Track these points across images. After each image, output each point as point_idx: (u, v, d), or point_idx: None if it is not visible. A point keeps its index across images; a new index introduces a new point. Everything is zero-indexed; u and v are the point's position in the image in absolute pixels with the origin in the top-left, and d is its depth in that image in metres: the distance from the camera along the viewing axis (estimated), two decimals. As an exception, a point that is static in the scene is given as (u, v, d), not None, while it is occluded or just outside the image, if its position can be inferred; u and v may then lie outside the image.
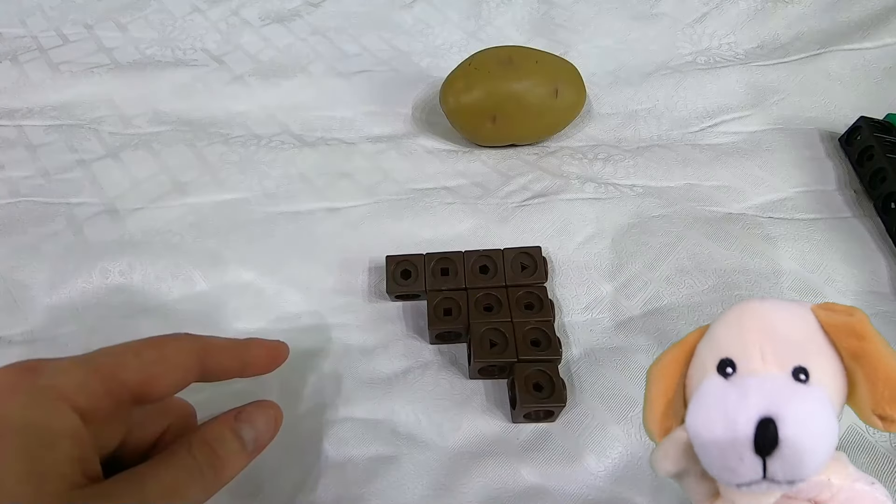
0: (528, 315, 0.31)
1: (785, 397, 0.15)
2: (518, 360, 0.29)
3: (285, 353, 0.27)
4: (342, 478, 0.27)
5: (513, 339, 0.30)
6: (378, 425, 0.29)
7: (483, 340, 0.30)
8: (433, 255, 0.33)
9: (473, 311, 0.31)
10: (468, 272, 0.32)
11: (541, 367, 0.29)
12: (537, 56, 0.39)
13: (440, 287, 0.32)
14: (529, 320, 0.30)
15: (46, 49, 0.48)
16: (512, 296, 0.32)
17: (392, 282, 0.32)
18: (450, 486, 0.27)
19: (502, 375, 0.30)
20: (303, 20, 0.50)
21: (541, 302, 0.31)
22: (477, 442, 0.28)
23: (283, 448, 0.28)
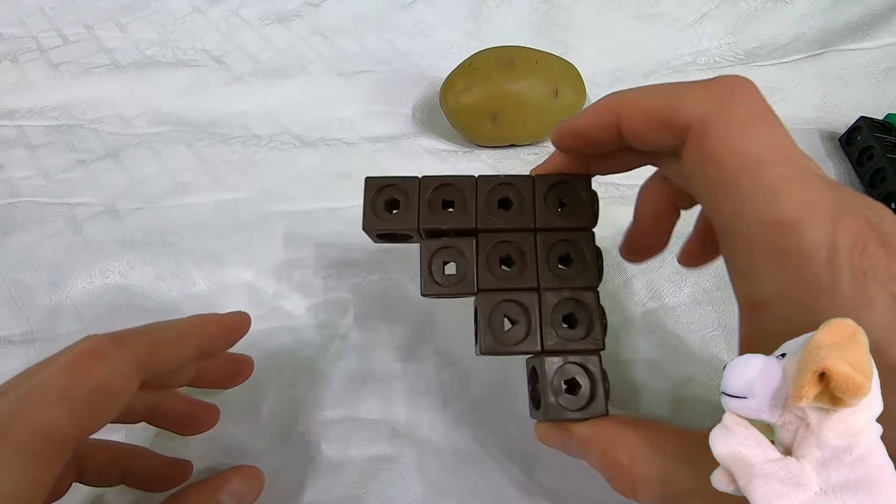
0: (564, 278, 0.23)
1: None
2: (543, 352, 0.22)
3: (240, 329, 0.25)
4: (342, 478, 0.27)
5: (537, 316, 0.22)
6: (378, 425, 0.29)
7: (495, 316, 0.22)
8: (432, 178, 0.24)
9: (484, 269, 0.23)
10: (481, 206, 0.24)
11: (576, 359, 0.22)
12: (537, 56, 0.39)
13: (439, 225, 0.23)
14: (564, 287, 0.23)
15: (46, 49, 0.48)
16: (542, 245, 0.23)
17: (372, 214, 0.24)
18: (450, 486, 0.27)
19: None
20: (303, 20, 0.50)
21: (583, 258, 0.23)
22: (477, 442, 0.28)
23: (282, 448, 0.28)
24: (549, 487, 0.27)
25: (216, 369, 0.27)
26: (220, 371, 0.27)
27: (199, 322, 0.24)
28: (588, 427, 0.21)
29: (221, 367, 0.27)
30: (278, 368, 0.31)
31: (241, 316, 0.25)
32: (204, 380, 0.26)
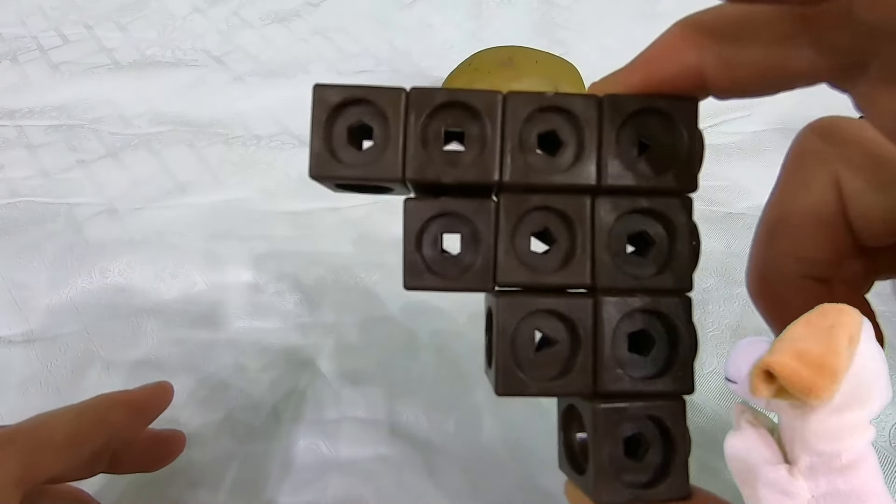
0: (637, 275, 0.15)
1: None
2: (596, 395, 0.14)
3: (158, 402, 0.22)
4: (342, 478, 0.27)
5: (590, 337, 0.14)
6: (378, 425, 0.29)
7: (521, 333, 0.14)
8: (428, 93, 0.14)
9: (507, 251, 0.14)
10: (511, 143, 0.14)
11: (651, 406, 0.14)
12: (537, 56, 0.39)
13: (438, 176, 0.14)
14: (636, 290, 0.15)
15: (46, 49, 0.48)
16: (606, 217, 0.14)
17: (324, 148, 0.14)
18: (450, 487, 0.27)
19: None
20: (303, 20, 0.50)
21: (671, 242, 0.15)
22: (477, 442, 0.28)
23: (282, 448, 0.28)
24: (550, 488, 0.27)
25: (138, 452, 0.23)
26: (143, 454, 0.23)
27: (102, 407, 0.20)
28: None
29: (144, 448, 0.23)
30: (278, 368, 0.31)
31: (158, 389, 0.22)
32: (123, 465, 0.22)
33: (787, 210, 0.17)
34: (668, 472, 0.14)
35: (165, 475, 0.27)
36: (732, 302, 0.33)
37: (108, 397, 0.21)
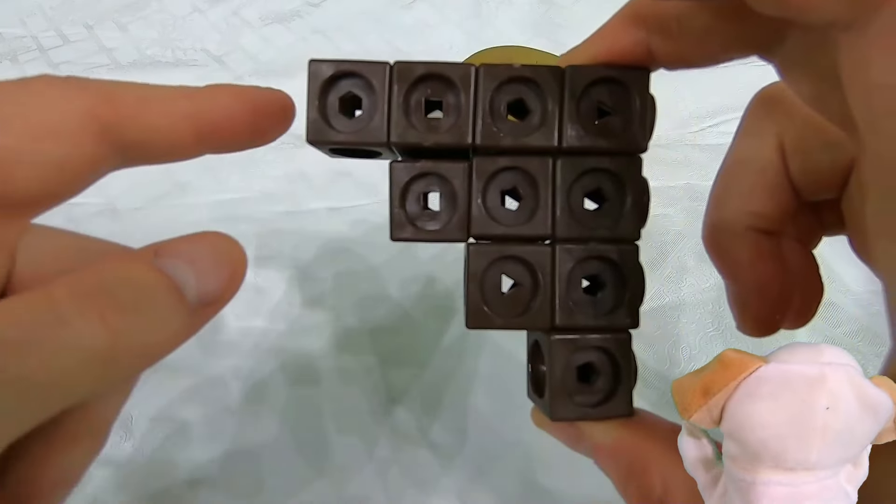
0: (591, 225, 0.17)
1: None
2: (553, 329, 0.16)
3: (290, 107, 0.16)
4: (342, 478, 0.27)
5: (549, 278, 0.16)
6: (378, 425, 0.29)
7: (490, 276, 0.17)
8: (410, 66, 0.17)
9: (479, 206, 0.16)
10: (483, 110, 0.16)
11: (596, 339, 0.16)
12: (537, 56, 0.39)
13: (419, 139, 0.16)
14: (590, 238, 0.17)
15: (46, 49, 0.48)
16: (565, 175, 0.16)
17: (320, 116, 0.16)
18: (450, 487, 0.27)
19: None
20: (303, 20, 0.50)
21: (621, 197, 0.17)
22: (477, 442, 0.28)
23: (283, 448, 0.28)
24: (551, 488, 0.27)
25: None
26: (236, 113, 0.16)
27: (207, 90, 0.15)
28: (607, 431, 0.17)
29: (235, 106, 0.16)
30: (279, 368, 0.31)
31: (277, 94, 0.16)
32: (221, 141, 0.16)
33: (736, 169, 0.19)
34: (614, 394, 0.16)
35: (165, 475, 0.27)
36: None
37: (215, 89, 0.15)
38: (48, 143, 0.12)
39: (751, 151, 0.19)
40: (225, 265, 0.15)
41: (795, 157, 0.18)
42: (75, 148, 0.13)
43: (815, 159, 0.17)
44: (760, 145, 0.19)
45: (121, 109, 0.14)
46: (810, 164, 0.17)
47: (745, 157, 0.19)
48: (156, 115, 0.14)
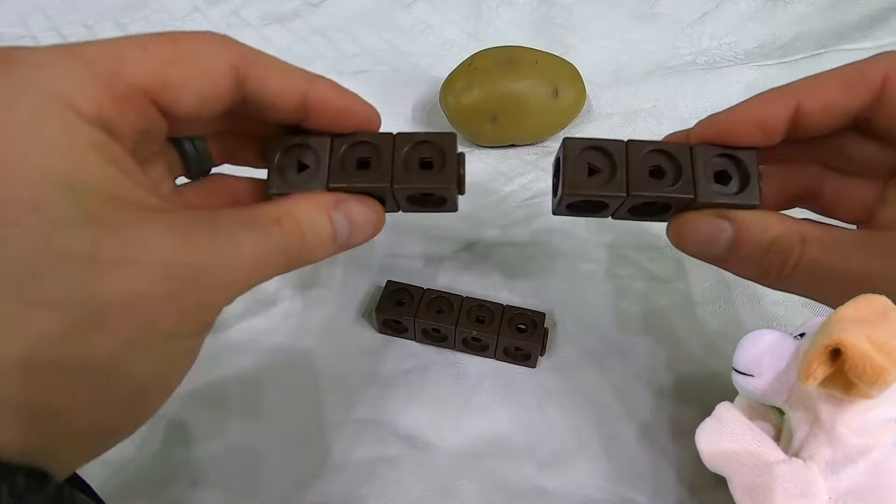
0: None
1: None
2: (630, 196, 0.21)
3: (372, 120, 0.22)
4: (342, 478, 0.27)
5: (624, 162, 0.22)
6: (378, 426, 0.29)
7: (580, 160, 0.22)
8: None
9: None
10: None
11: (727, 151, 0.21)
12: (537, 56, 0.39)
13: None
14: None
15: (46, 49, 0.48)
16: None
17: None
18: (450, 487, 0.27)
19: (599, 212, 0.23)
20: (303, 20, 0.50)
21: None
22: (477, 442, 0.28)
23: (283, 448, 0.28)
24: (551, 488, 0.27)
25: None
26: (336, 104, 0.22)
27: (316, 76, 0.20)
28: (749, 213, 0.21)
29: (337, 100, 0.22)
30: (279, 368, 0.31)
31: (369, 109, 0.22)
32: (314, 113, 0.21)
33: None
34: (746, 187, 0.21)
35: (165, 474, 0.27)
36: (731, 302, 0.33)
37: (322, 79, 0.20)
38: (201, 80, 0.17)
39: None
40: (368, 229, 0.22)
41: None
42: (215, 88, 0.18)
43: None
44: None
45: (253, 69, 0.18)
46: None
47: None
48: (277, 81, 0.19)
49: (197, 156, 0.22)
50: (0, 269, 0.13)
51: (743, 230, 0.21)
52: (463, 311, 0.30)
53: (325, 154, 0.21)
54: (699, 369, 0.30)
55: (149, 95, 0.16)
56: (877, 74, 0.20)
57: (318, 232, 0.20)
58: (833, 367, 0.13)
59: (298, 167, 0.21)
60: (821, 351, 0.13)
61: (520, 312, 0.30)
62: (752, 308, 0.33)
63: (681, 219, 0.22)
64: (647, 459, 0.27)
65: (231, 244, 0.17)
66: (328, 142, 0.21)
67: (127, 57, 0.16)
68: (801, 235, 0.20)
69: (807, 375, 0.13)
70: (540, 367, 0.31)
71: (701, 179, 0.21)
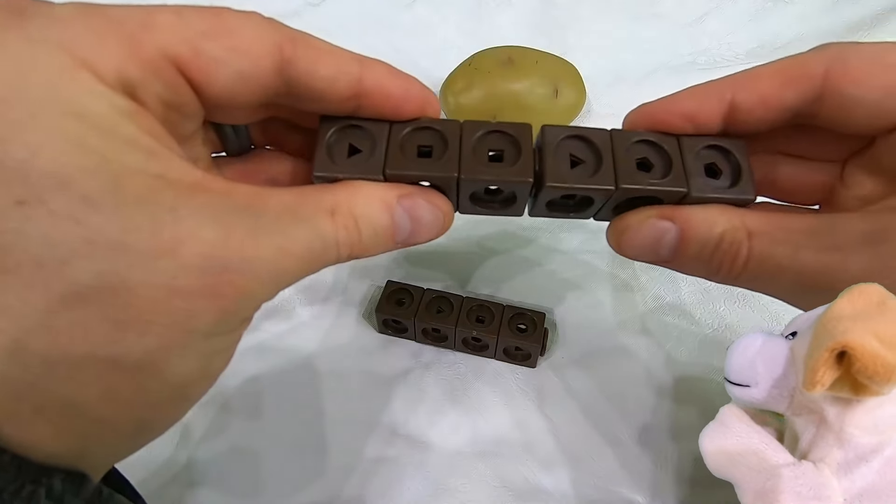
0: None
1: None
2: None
3: (432, 105, 0.20)
4: (342, 478, 0.27)
5: (610, 153, 0.20)
6: (378, 426, 0.29)
7: (560, 149, 0.20)
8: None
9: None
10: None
11: (717, 142, 0.20)
12: (537, 56, 0.39)
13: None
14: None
15: (46, 49, 0.47)
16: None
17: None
18: (450, 487, 0.27)
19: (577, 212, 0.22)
20: (303, 20, 0.50)
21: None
22: (477, 442, 0.28)
23: (283, 448, 0.28)
24: (551, 488, 0.27)
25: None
26: (394, 90, 0.20)
27: (372, 60, 0.19)
28: (693, 210, 0.20)
29: (393, 84, 0.20)
30: (280, 368, 0.31)
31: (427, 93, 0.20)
32: (369, 97, 0.19)
33: None
34: (739, 180, 0.20)
35: (165, 474, 0.27)
36: (731, 302, 0.33)
37: (378, 62, 0.19)
38: (239, 56, 0.16)
39: None
40: (433, 229, 0.20)
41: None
42: (255, 67, 0.16)
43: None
44: None
45: (301, 51, 0.17)
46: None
47: None
48: (326, 67, 0.17)
49: (236, 138, 0.20)
50: (24, 254, 0.12)
51: (687, 229, 0.20)
52: (463, 311, 0.30)
53: (382, 139, 0.19)
54: (699, 369, 0.30)
55: (178, 65, 0.15)
56: (817, 68, 0.18)
57: (375, 229, 0.18)
58: (840, 371, 0.12)
59: (350, 151, 0.19)
60: (826, 356, 0.12)
61: (520, 312, 0.30)
62: (752, 306, 0.33)
63: (621, 222, 0.21)
64: (647, 459, 0.27)
65: (277, 238, 0.15)
66: (387, 126, 0.19)
67: (158, 20, 0.14)
68: (747, 230, 0.19)
69: (813, 384, 0.12)
70: (540, 367, 0.31)
71: (693, 172, 0.20)
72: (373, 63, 0.18)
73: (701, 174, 0.20)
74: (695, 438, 0.26)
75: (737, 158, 0.20)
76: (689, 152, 0.20)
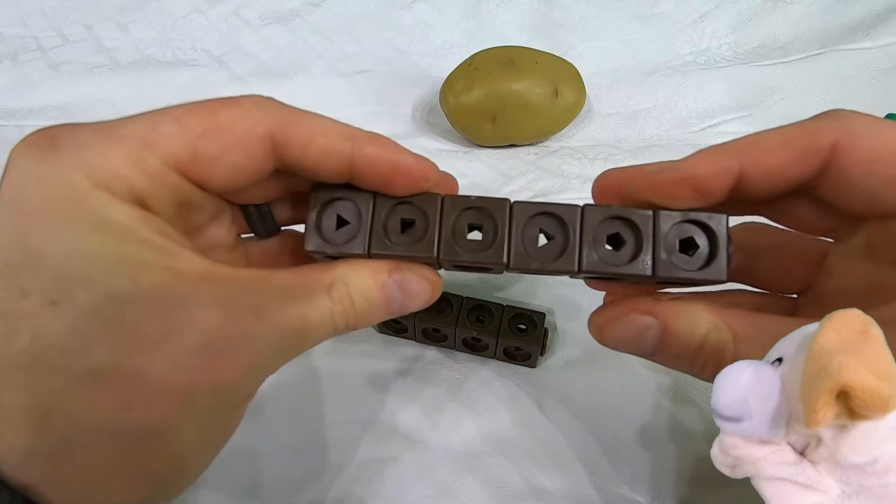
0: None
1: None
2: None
3: (426, 176, 0.20)
4: (342, 478, 0.27)
5: (578, 231, 0.20)
6: (378, 426, 0.29)
7: (529, 232, 0.20)
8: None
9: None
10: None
11: (699, 215, 0.20)
12: (537, 56, 0.39)
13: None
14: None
15: (46, 49, 0.48)
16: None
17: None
18: (450, 487, 0.27)
19: None
20: (303, 20, 0.50)
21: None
22: (477, 442, 0.28)
23: (283, 448, 0.28)
24: (551, 488, 0.27)
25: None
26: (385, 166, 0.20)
27: (364, 134, 0.19)
28: (676, 307, 0.19)
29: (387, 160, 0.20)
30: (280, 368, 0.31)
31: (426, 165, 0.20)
32: (361, 173, 0.19)
33: None
34: (713, 259, 0.19)
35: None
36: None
37: (374, 135, 0.19)
38: (233, 152, 0.17)
39: None
40: (423, 298, 0.21)
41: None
42: (248, 159, 0.18)
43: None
44: None
45: (292, 134, 0.18)
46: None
47: None
48: (317, 147, 0.18)
49: (260, 218, 0.22)
50: (53, 341, 0.15)
51: (669, 327, 0.19)
52: (463, 311, 0.30)
53: (367, 212, 0.20)
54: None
55: (179, 169, 0.17)
56: (826, 141, 0.18)
57: (369, 302, 0.19)
58: (838, 406, 0.12)
59: (339, 222, 0.20)
60: (826, 398, 0.12)
61: (520, 312, 0.30)
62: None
63: (601, 316, 0.21)
64: (647, 459, 0.27)
65: (277, 315, 0.17)
66: (371, 198, 0.20)
67: (160, 132, 0.17)
68: (733, 334, 0.18)
69: (815, 423, 0.13)
70: (540, 368, 0.31)
71: (661, 250, 0.19)
72: (365, 140, 0.19)
73: (674, 251, 0.19)
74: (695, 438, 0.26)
75: (716, 235, 0.19)
76: (666, 224, 0.19)
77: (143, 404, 0.15)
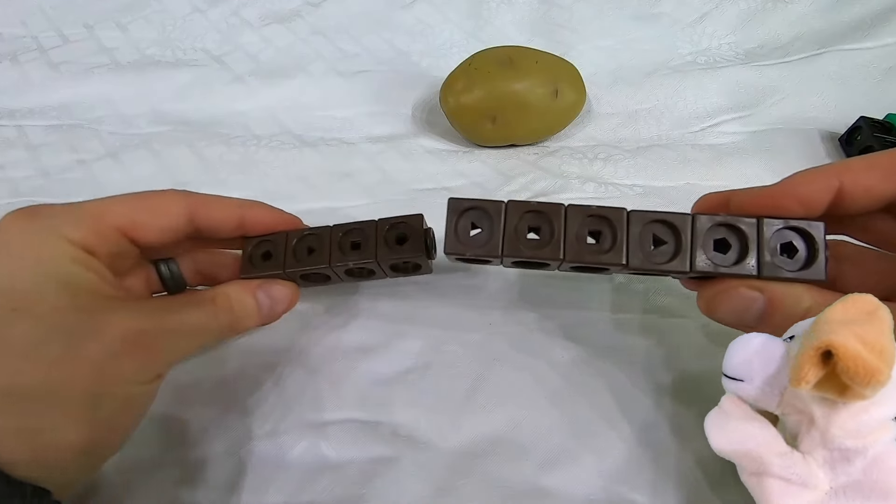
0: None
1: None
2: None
3: (296, 225, 0.29)
4: (342, 478, 0.27)
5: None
6: (378, 426, 0.29)
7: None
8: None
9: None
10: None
11: (797, 224, 0.22)
12: (537, 56, 0.39)
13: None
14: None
15: (46, 49, 0.48)
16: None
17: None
18: (450, 487, 0.27)
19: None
20: (303, 20, 0.50)
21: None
22: (477, 442, 0.28)
23: (282, 448, 0.28)
24: (551, 488, 0.27)
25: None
26: (265, 218, 0.29)
27: (248, 202, 0.29)
28: (779, 285, 0.22)
29: (265, 216, 0.29)
30: (278, 368, 0.31)
31: (288, 218, 0.30)
32: (248, 227, 0.29)
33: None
34: (812, 262, 0.22)
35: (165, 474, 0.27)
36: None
37: (255, 202, 0.29)
38: (159, 219, 0.26)
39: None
40: (285, 305, 0.29)
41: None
42: (170, 223, 0.26)
43: None
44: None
45: (200, 208, 0.27)
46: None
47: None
48: (217, 213, 0.27)
49: (171, 276, 0.29)
50: (19, 338, 0.21)
51: (774, 301, 0.22)
52: (333, 242, 0.28)
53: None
54: (699, 369, 0.30)
55: (122, 231, 0.25)
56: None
57: (244, 306, 0.27)
58: (825, 370, 0.13)
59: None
60: (811, 354, 0.13)
61: (394, 223, 0.28)
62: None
63: (711, 290, 0.24)
64: (647, 459, 0.27)
65: (177, 317, 0.24)
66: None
67: (112, 208, 0.25)
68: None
69: (798, 379, 0.13)
70: (540, 367, 0.31)
71: (765, 253, 0.22)
72: (251, 205, 0.28)
73: (776, 254, 0.22)
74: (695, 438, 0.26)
75: (815, 240, 0.22)
76: (769, 230, 0.22)
77: (84, 378, 0.21)
